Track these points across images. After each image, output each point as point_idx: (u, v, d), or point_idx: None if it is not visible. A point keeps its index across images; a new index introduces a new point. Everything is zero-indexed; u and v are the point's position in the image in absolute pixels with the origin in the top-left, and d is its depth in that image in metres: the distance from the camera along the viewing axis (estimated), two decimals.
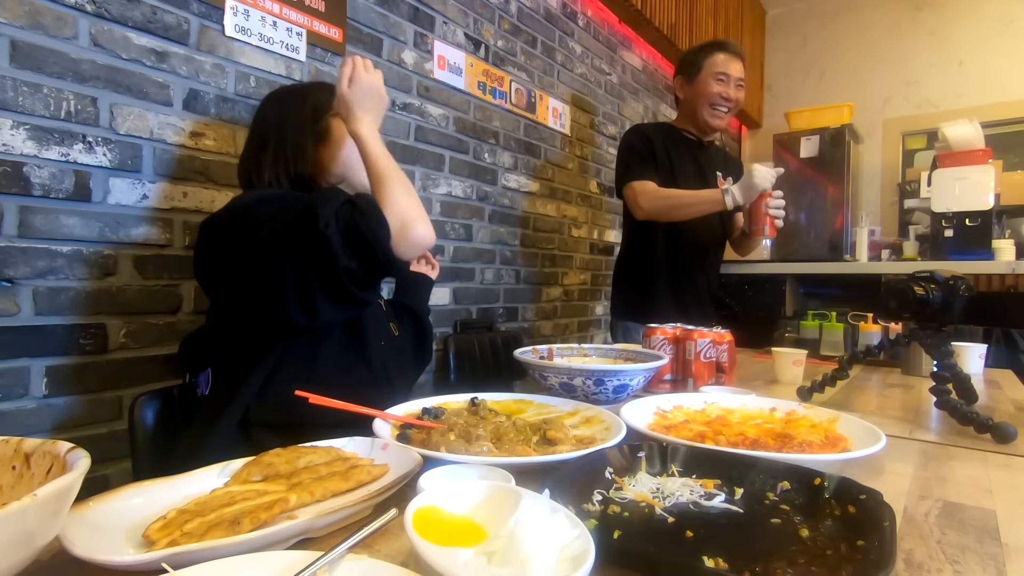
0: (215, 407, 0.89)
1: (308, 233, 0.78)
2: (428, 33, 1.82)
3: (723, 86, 1.81)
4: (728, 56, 1.82)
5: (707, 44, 1.87)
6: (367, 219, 0.80)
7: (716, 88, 1.80)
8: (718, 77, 1.80)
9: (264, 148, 1.02)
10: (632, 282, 1.93)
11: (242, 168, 1.05)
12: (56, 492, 0.35)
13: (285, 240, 0.81)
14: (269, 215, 0.85)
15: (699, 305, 1.89)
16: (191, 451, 0.85)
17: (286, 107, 1.04)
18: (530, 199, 2.31)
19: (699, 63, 1.83)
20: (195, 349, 1.00)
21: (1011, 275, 2.82)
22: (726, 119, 1.87)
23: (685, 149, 1.90)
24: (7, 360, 0.99)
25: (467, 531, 0.43)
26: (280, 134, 1.02)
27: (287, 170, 1.00)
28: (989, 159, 2.82)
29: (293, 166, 1.01)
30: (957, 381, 0.97)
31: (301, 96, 1.06)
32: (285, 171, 1.00)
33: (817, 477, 0.55)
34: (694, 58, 1.85)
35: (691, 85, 1.86)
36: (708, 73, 1.81)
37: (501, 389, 0.93)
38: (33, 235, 1.01)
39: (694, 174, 1.87)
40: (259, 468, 0.56)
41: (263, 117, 1.06)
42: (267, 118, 1.05)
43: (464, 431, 0.67)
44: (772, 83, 4.48)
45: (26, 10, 0.99)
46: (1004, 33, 3.63)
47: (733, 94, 1.82)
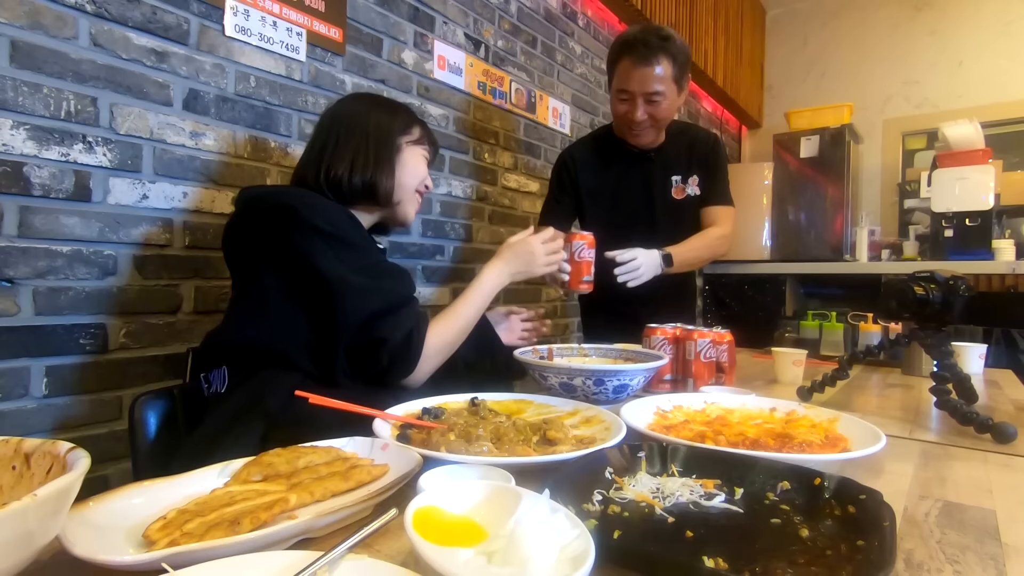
0: (233, 410, 0.86)
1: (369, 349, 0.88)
2: (428, 33, 1.82)
3: (627, 106, 1.45)
4: (634, 63, 1.40)
5: (617, 42, 1.47)
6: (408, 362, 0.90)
7: (620, 109, 1.48)
8: (620, 96, 1.47)
9: (346, 144, 1.01)
10: None
11: (312, 157, 1.02)
12: (56, 492, 0.35)
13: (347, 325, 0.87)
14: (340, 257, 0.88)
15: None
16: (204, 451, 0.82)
17: (379, 117, 1.04)
18: (530, 199, 2.31)
19: (610, 70, 1.50)
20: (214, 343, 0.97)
21: (1011, 275, 2.82)
22: (648, 134, 1.53)
23: (625, 164, 1.63)
24: (7, 360, 0.99)
25: (467, 531, 0.43)
26: (366, 140, 1.02)
27: (363, 176, 1.00)
28: (989, 159, 2.82)
29: (372, 175, 1.01)
30: (957, 381, 0.97)
31: (391, 110, 1.07)
32: (361, 176, 1.00)
33: (817, 477, 0.55)
34: (608, 61, 1.51)
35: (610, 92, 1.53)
36: (613, 89, 1.49)
37: (501, 389, 0.93)
38: (33, 235, 1.01)
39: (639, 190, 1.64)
40: (259, 468, 0.56)
41: (350, 116, 1.04)
42: (355, 119, 1.03)
43: (464, 431, 0.67)
44: (772, 83, 4.48)
45: (26, 10, 0.99)
46: (1004, 33, 3.63)
47: (640, 115, 1.44)
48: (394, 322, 0.88)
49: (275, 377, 0.87)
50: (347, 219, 0.94)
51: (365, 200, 1.03)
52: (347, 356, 0.89)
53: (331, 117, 1.05)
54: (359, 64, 1.59)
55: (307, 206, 0.89)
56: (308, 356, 0.90)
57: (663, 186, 1.65)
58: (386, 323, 0.88)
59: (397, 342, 0.88)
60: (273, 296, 0.90)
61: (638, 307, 1.54)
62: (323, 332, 0.89)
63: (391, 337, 0.87)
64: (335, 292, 0.86)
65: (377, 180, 1.01)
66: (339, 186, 0.99)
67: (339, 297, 0.86)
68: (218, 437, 0.84)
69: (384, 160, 1.02)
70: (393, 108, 1.09)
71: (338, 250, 0.88)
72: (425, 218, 1.85)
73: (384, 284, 0.91)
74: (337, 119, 1.04)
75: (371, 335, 0.87)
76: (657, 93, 1.43)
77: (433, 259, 1.88)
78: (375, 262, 0.94)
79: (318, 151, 1.02)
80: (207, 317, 1.25)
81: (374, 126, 1.03)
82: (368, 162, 1.01)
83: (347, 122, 1.03)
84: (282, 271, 0.90)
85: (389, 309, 0.89)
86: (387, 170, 1.02)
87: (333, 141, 1.01)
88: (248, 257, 0.95)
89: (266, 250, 0.90)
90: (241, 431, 0.83)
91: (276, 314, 0.90)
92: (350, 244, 0.91)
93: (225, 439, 0.82)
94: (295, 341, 0.89)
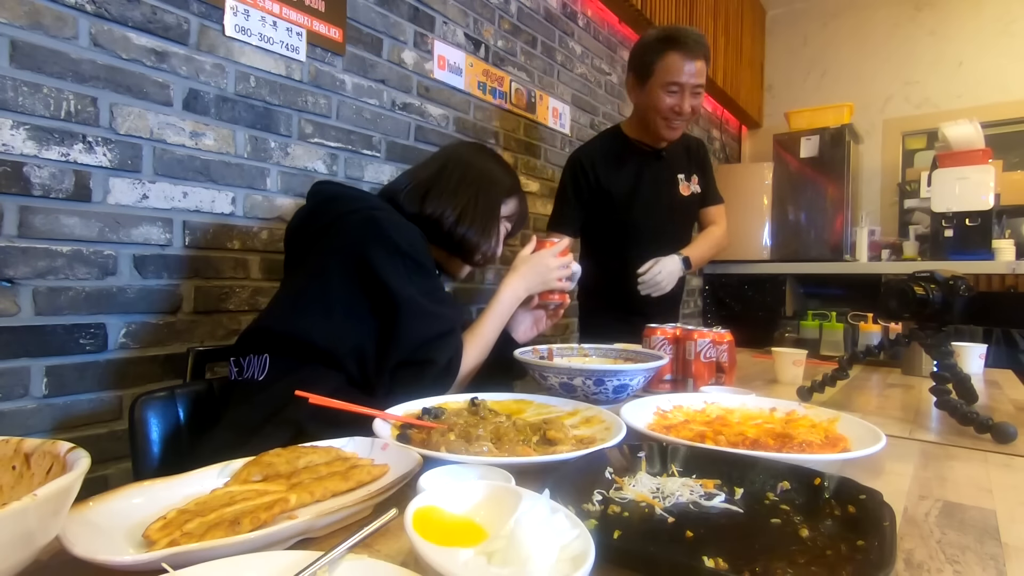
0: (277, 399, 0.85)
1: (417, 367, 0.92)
2: (428, 33, 1.82)
3: (676, 98, 1.52)
4: (683, 57, 1.49)
5: (660, 39, 1.53)
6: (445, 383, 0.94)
7: (668, 101, 1.52)
8: (670, 89, 1.52)
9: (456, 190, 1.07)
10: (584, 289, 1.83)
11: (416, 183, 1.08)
12: (56, 492, 0.35)
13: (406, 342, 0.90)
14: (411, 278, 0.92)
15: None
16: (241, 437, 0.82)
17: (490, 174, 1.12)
18: (530, 199, 2.31)
19: (650, 65, 1.54)
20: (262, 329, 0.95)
21: (1011, 275, 2.82)
22: (681, 129, 1.62)
23: (638, 163, 1.69)
24: (7, 360, 0.99)
25: (467, 531, 0.43)
26: (475, 194, 1.09)
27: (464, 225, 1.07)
28: (989, 159, 2.82)
29: (471, 226, 1.07)
30: (957, 381, 0.97)
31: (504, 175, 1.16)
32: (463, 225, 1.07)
33: (817, 477, 0.55)
34: (645, 57, 1.55)
35: (642, 90, 1.58)
36: (658, 82, 1.53)
37: (501, 389, 0.93)
38: (33, 235, 1.01)
39: (651, 188, 1.70)
40: (259, 468, 0.56)
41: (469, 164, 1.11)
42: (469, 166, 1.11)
43: (464, 431, 0.67)
44: (772, 83, 4.48)
45: (26, 10, 0.99)
46: (1004, 33, 3.63)
47: (688, 106, 1.53)
48: (443, 347, 0.93)
49: (319, 373, 0.89)
50: (422, 243, 0.98)
51: (450, 247, 1.09)
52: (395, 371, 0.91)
53: (449, 155, 1.13)
54: (359, 64, 1.59)
55: (392, 223, 0.94)
56: (355, 361, 0.91)
57: (672, 183, 1.73)
58: (437, 347, 0.92)
59: (442, 365, 0.93)
60: (336, 297, 0.92)
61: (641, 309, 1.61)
62: (381, 343, 0.92)
63: (438, 360, 0.92)
64: (401, 310, 0.90)
65: (478, 241, 1.09)
66: (437, 224, 1.05)
67: (404, 316, 0.90)
68: (259, 424, 0.84)
69: (490, 227, 1.10)
70: (506, 171, 1.17)
71: (411, 271, 0.92)
72: None
73: (443, 310, 0.95)
74: (456, 160, 1.11)
75: (422, 356, 0.91)
76: (701, 86, 1.55)
77: None
78: (437, 287, 1.00)
79: (425, 180, 1.08)
80: (207, 317, 1.25)
81: (488, 183, 1.11)
82: (476, 221, 1.08)
83: (465, 168, 1.10)
84: (351, 276, 0.92)
85: (441, 335, 0.93)
86: (486, 235, 1.10)
87: (447, 182, 1.08)
88: (318, 253, 0.96)
89: (340, 252, 0.93)
90: (280, 421, 0.84)
91: (335, 315, 0.91)
92: (421, 267, 0.95)
93: (265, 427, 0.83)
94: (347, 344, 0.91)
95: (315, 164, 1.47)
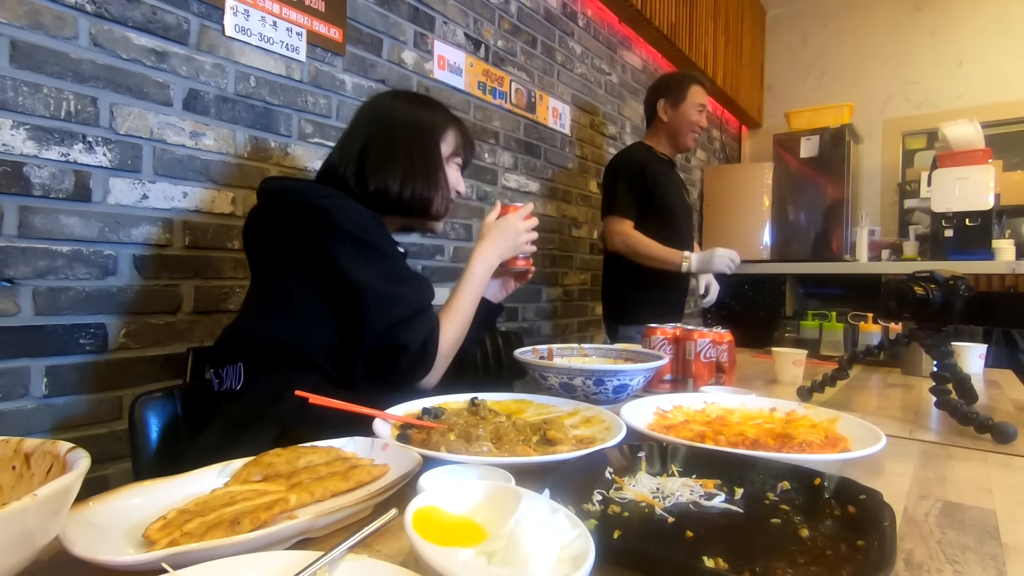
0: (251, 408, 0.85)
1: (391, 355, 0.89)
2: (428, 33, 1.82)
3: (700, 116, 2.08)
4: (703, 89, 2.09)
5: (687, 76, 2.12)
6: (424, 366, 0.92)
7: (696, 118, 2.07)
8: (698, 108, 2.06)
9: (390, 155, 1.00)
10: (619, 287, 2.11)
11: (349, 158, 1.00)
12: (56, 492, 0.35)
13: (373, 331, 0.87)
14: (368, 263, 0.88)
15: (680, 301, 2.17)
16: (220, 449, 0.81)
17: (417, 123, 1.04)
18: (530, 199, 2.31)
19: (683, 92, 2.05)
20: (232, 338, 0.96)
21: (1011, 275, 2.82)
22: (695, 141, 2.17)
23: (665, 170, 2.10)
24: (7, 360, 0.99)
25: (467, 531, 0.43)
26: (408, 150, 1.01)
27: (412, 188, 1.00)
28: (989, 159, 2.82)
29: (420, 186, 1.01)
30: (957, 381, 0.97)
31: (426, 117, 1.05)
32: (411, 188, 1.00)
33: (817, 477, 0.55)
34: (678, 86, 2.06)
35: (675, 111, 2.06)
36: (691, 104, 2.05)
37: (501, 389, 0.93)
38: (33, 235, 1.01)
39: (675, 191, 2.09)
40: (259, 468, 0.55)
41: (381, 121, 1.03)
42: (388, 124, 1.02)
43: (464, 431, 0.67)
44: (772, 83, 4.48)
45: (26, 10, 0.99)
46: (1004, 33, 3.63)
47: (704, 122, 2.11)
48: (414, 329, 0.90)
49: (293, 377, 0.86)
50: (375, 224, 0.93)
51: (410, 213, 1.04)
52: (366, 360, 0.89)
53: (369, 120, 1.04)
54: (359, 64, 1.59)
55: (340, 210, 0.89)
56: (328, 358, 0.90)
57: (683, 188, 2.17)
58: (407, 330, 0.89)
59: (416, 347, 0.90)
60: (297, 295, 0.90)
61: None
62: (347, 336, 0.89)
63: (411, 342, 0.89)
64: (363, 298, 0.87)
65: (430, 196, 1.03)
66: (384, 197, 0.99)
67: (366, 304, 0.87)
68: (235, 435, 0.83)
69: (436, 176, 1.03)
70: (430, 107, 1.07)
71: (367, 256, 0.89)
72: None
73: (407, 292, 0.92)
74: (377, 123, 1.03)
75: (393, 341, 0.88)
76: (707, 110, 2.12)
77: (433, 259, 1.88)
78: (400, 269, 0.95)
79: (358, 155, 1.00)
80: (207, 317, 1.25)
81: (416, 132, 1.03)
82: (417, 178, 1.01)
83: (388, 128, 1.02)
84: (309, 271, 0.89)
85: (410, 316, 0.90)
86: (435, 186, 1.03)
87: (376, 147, 1.00)
88: (273, 253, 0.94)
89: (294, 248, 0.90)
90: (257, 431, 0.82)
91: (299, 314, 0.90)
92: (378, 250, 0.91)
93: (243, 436, 0.82)
94: (316, 342, 0.89)
95: (315, 164, 1.47)
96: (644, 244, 1.95)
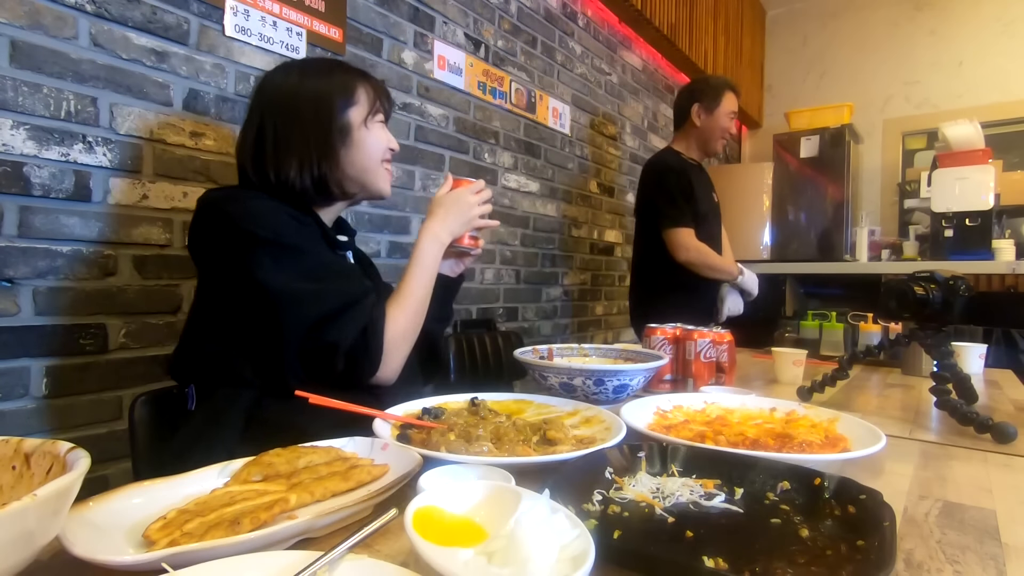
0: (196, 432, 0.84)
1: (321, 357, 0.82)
2: (428, 33, 1.82)
3: (731, 123, 2.13)
4: (736, 97, 2.14)
5: (723, 82, 2.14)
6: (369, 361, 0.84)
7: (727, 124, 2.11)
8: (731, 115, 2.11)
9: (285, 141, 0.91)
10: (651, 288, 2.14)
11: (248, 151, 0.93)
12: (56, 492, 0.35)
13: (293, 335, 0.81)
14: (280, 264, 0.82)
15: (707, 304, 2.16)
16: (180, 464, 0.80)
17: (307, 95, 0.93)
18: (530, 199, 2.31)
19: (718, 98, 2.09)
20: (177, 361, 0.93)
21: (1011, 275, 2.82)
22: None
23: (696, 174, 2.13)
24: (7, 360, 0.99)
25: (467, 531, 0.43)
26: (303, 130, 0.91)
27: (312, 171, 0.91)
28: (989, 159, 2.82)
29: (318, 167, 0.92)
30: (957, 381, 0.97)
31: (321, 85, 0.94)
32: (311, 172, 0.91)
33: (817, 477, 0.55)
34: (714, 92, 2.09)
35: (710, 116, 2.09)
36: (724, 111, 2.08)
37: (501, 389, 0.93)
38: (33, 235, 1.01)
39: (706, 195, 2.13)
40: (259, 468, 0.56)
41: (274, 101, 0.93)
42: (280, 104, 0.93)
43: (464, 431, 0.67)
44: (772, 83, 4.48)
45: (26, 10, 0.99)
46: (1004, 33, 3.63)
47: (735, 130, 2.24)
48: (341, 324, 0.82)
49: (230, 395, 0.84)
50: (286, 220, 0.86)
51: (322, 198, 0.95)
52: (304, 366, 0.83)
53: (262, 105, 0.94)
54: (359, 64, 1.59)
55: (244, 214, 0.83)
56: (258, 372, 0.85)
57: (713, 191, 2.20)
58: (335, 326, 0.81)
59: (351, 343, 0.82)
60: (219, 309, 0.86)
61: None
62: (270, 345, 0.83)
63: (342, 339, 0.81)
64: (277, 303, 0.81)
65: (336, 176, 0.93)
66: (291, 189, 0.91)
67: (282, 307, 0.80)
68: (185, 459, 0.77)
69: (332, 155, 0.92)
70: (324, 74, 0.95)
71: (277, 256, 0.82)
72: None
73: (329, 286, 0.84)
74: (270, 107, 0.93)
75: (321, 341, 0.81)
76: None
77: None
78: (320, 264, 0.87)
79: (252, 147, 0.92)
80: None
81: (311, 109, 0.92)
82: (320, 161, 0.92)
83: (280, 112, 0.92)
84: (224, 282, 0.85)
85: (336, 311, 0.82)
86: (333, 164, 0.93)
87: (271, 134, 0.91)
88: (200, 268, 0.91)
89: (210, 261, 0.87)
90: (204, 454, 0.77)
91: (225, 330, 0.86)
92: (290, 248, 0.84)
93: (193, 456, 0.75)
94: (245, 357, 0.85)
95: None
96: (711, 255, 2.01)
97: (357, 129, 0.94)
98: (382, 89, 0.99)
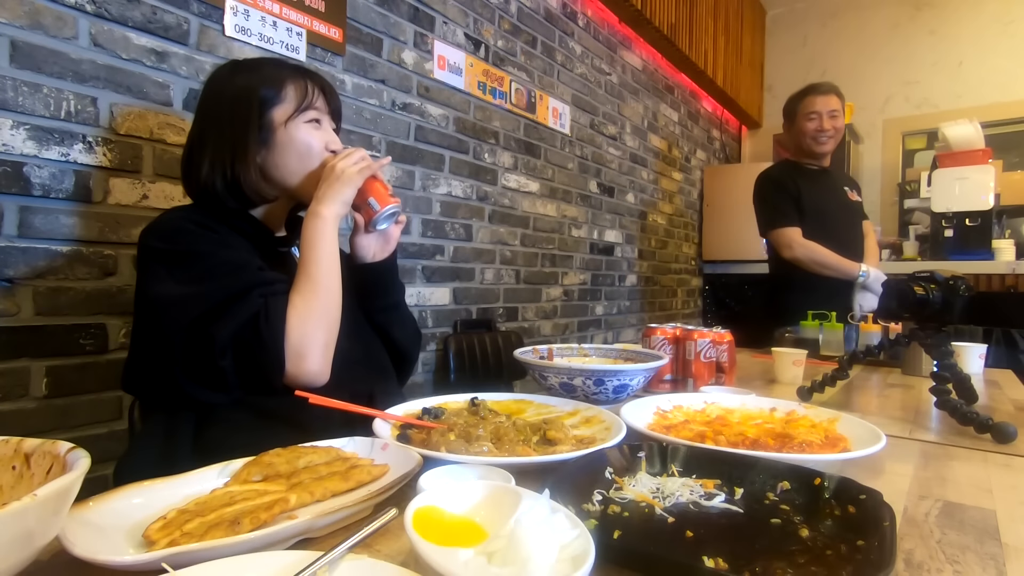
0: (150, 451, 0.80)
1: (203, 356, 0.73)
2: (428, 33, 1.82)
3: (815, 122, 2.17)
4: (816, 96, 2.18)
5: (800, 90, 2.23)
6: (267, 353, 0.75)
7: (808, 126, 2.17)
8: (809, 117, 2.17)
9: (203, 142, 0.86)
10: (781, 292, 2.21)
11: (183, 161, 0.89)
12: (56, 492, 0.35)
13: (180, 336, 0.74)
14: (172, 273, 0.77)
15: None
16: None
17: (230, 92, 0.87)
18: (530, 199, 2.31)
19: (795, 109, 2.21)
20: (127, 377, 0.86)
21: (1011, 275, 2.82)
22: (830, 143, 2.19)
23: (811, 179, 2.20)
24: (7, 360, 0.99)
25: (467, 531, 0.43)
26: (219, 127, 0.86)
27: (224, 173, 0.85)
28: (989, 159, 2.82)
29: (231, 168, 0.85)
30: (957, 381, 0.97)
31: (246, 81, 0.87)
32: (222, 173, 0.85)
33: (817, 477, 0.55)
34: (791, 106, 2.23)
35: (791, 128, 2.24)
36: (802, 116, 2.19)
37: (501, 389, 0.93)
38: (33, 235, 1.01)
39: (823, 197, 2.19)
40: (259, 468, 0.56)
41: (205, 100, 0.89)
42: (208, 102, 0.88)
43: (464, 431, 0.67)
44: (772, 83, 4.48)
45: (26, 10, 0.99)
46: (1004, 33, 3.63)
47: (827, 124, 2.15)
48: (223, 317, 0.74)
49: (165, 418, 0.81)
50: (188, 229, 0.80)
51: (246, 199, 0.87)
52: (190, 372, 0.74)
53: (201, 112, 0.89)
54: (359, 64, 1.59)
55: (147, 229, 0.80)
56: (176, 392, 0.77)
57: (840, 192, 2.25)
58: (212, 322, 0.73)
59: (231, 334, 0.73)
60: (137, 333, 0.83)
61: None
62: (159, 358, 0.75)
63: (221, 332, 0.73)
64: (157, 309, 0.76)
65: (240, 177, 0.85)
66: (211, 194, 0.85)
67: (160, 313, 0.75)
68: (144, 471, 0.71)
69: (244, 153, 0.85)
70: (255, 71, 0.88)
71: (171, 266, 0.77)
72: (425, 218, 1.85)
73: (213, 285, 0.76)
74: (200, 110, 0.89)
75: (198, 337, 0.73)
76: (835, 110, 2.15)
77: (433, 259, 1.88)
78: (212, 265, 0.78)
79: (185, 153, 0.89)
80: None
81: (229, 107, 0.86)
82: (227, 159, 0.85)
83: (205, 112, 0.88)
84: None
85: (216, 307, 0.74)
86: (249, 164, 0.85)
87: (196, 138, 0.87)
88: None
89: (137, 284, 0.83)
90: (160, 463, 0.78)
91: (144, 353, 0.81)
92: (187, 255, 0.78)
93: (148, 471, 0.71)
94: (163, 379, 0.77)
95: None
96: (820, 252, 2.05)
97: (277, 129, 0.86)
98: (320, 82, 0.91)
